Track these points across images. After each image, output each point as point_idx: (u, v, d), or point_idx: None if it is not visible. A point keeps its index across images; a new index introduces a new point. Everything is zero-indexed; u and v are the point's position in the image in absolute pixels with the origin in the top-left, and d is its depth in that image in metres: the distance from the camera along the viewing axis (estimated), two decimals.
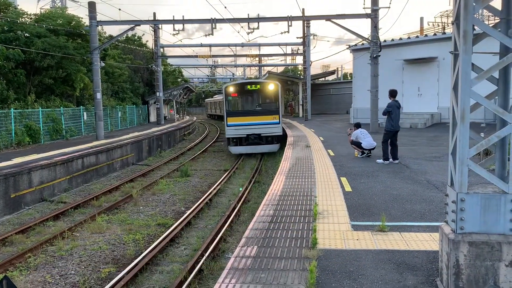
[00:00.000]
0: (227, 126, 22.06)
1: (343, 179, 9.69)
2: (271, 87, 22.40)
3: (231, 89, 22.61)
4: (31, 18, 26.88)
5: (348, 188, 8.81)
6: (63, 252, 9.30)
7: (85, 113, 27.64)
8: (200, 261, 8.26)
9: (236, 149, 22.52)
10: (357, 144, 13.26)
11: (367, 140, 13.06)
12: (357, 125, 13.66)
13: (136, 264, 8.23)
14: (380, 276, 4.57)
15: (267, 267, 4.86)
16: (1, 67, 22.17)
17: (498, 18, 4.16)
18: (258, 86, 22.82)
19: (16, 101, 22.68)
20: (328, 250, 5.37)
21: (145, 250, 9.14)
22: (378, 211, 7.03)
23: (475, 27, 3.89)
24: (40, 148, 19.70)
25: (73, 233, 10.68)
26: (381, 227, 6.04)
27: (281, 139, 22.17)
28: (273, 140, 22.26)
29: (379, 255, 5.14)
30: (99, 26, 25.24)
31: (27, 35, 24.89)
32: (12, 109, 20.61)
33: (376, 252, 5.25)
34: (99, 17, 23.66)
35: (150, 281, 7.86)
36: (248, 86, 22.82)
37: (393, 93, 11.90)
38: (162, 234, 10.20)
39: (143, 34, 46.68)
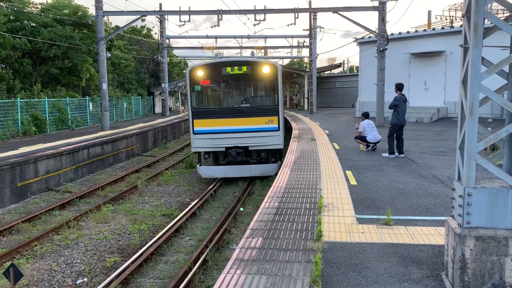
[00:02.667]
0: (193, 133, 14.26)
1: (348, 173, 9.68)
2: (266, 70, 14.18)
3: (200, 72, 14.21)
4: (37, 8, 26.89)
5: (353, 182, 8.80)
6: (69, 241, 9.38)
7: (90, 104, 27.71)
8: (204, 251, 8.31)
9: (207, 171, 14.69)
10: (361, 138, 13.21)
11: (372, 133, 13.00)
12: (365, 115, 13.50)
13: (141, 254, 8.30)
14: (385, 269, 4.57)
15: (272, 259, 4.87)
16: (8, 57, 22.23)
17: (508, 11, 4.11)
18: (245, 69, 14.22)
19: (23, 91, 22.79)
20: (333, 242, 5.37)
21: (150, 240, 9.21)
22: (383, 204, 7.03)
23: (486, 20, 3.85)
24: (46, 138, 19.79)
25: (79, 222, 10.76)
26: (386, 220, 6.03)
27: (281, 155, 14.73)
28: (268, 157, 14.77)
29: (384, 249, 5.14)
30: (105, 17, 25.17)
31: (34, 24, 24.93)
32: (18, 98, 20.70)
33: (381, 245, 5.25)
34: (105, 8, 23.58)
35: (155, 271, 7.92)
36: (228, 69, 14.20)
37: (399, 87, 11.83)
38: (167, 225, 10.26)
39: (154, 26, 46.37)
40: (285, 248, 5.19)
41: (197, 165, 15.07)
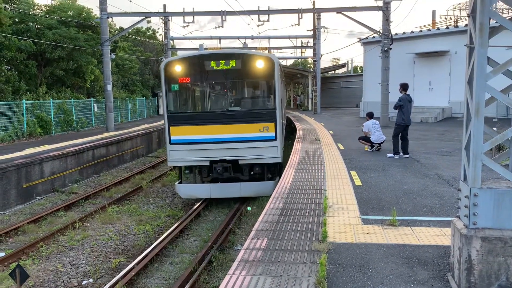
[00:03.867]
0: (170, 143, 11.80)
1: (353, 173, 9.65)
2: (260, 64, 11.58)
3: (178, 68, 11.71)
4: (42, 10, 27.03)
5: (358, 182, 8.78)
6: (74, 242, 9.42)
7: (95, 105, 27.80)
8: (209, 252, 8.32)
9: (187, 190, 12.16)
10: (365, 139, 13.18)
11: (377, 134, 12.96)
12: (370, 115, 13.42)
13: (147, 255, 8.32)
14: (391, 270, 4.56)
15: (277, 260, 4.87)
16: (13, 58, 22.36)
17: None
18: (233, 63, 11.60)
19: (28, 92, 22.92)
20: (338, 243, 5.36)
21: (155, 241, 9.22)
22: (388, 205, 7.00)
23: (491, 20, 3.83)
24: (51, 139, 19.88)
25: (84, 223, 10.80)
26: (392, 221, 6.01)
27: (281, 169, 11.67)
28: (264, 173, 12.18)
29: (389, 249, 5.12)
30: (110, 18, 25.25)
31: (38, 26, 25.06)
32: (24, 100, 20.81)
33: (387, 246, 5.23)
34: (110, 9, 23.67)
35: (160, 271, 7.93)
36: (213, 63, 11.58)
37: (404, 87, 11.79)
38: (172, 226, 10.28)
39: (159, 28, 46.41)
40: (290, 249, 5.18)
41: (176, 183, 12.45)
